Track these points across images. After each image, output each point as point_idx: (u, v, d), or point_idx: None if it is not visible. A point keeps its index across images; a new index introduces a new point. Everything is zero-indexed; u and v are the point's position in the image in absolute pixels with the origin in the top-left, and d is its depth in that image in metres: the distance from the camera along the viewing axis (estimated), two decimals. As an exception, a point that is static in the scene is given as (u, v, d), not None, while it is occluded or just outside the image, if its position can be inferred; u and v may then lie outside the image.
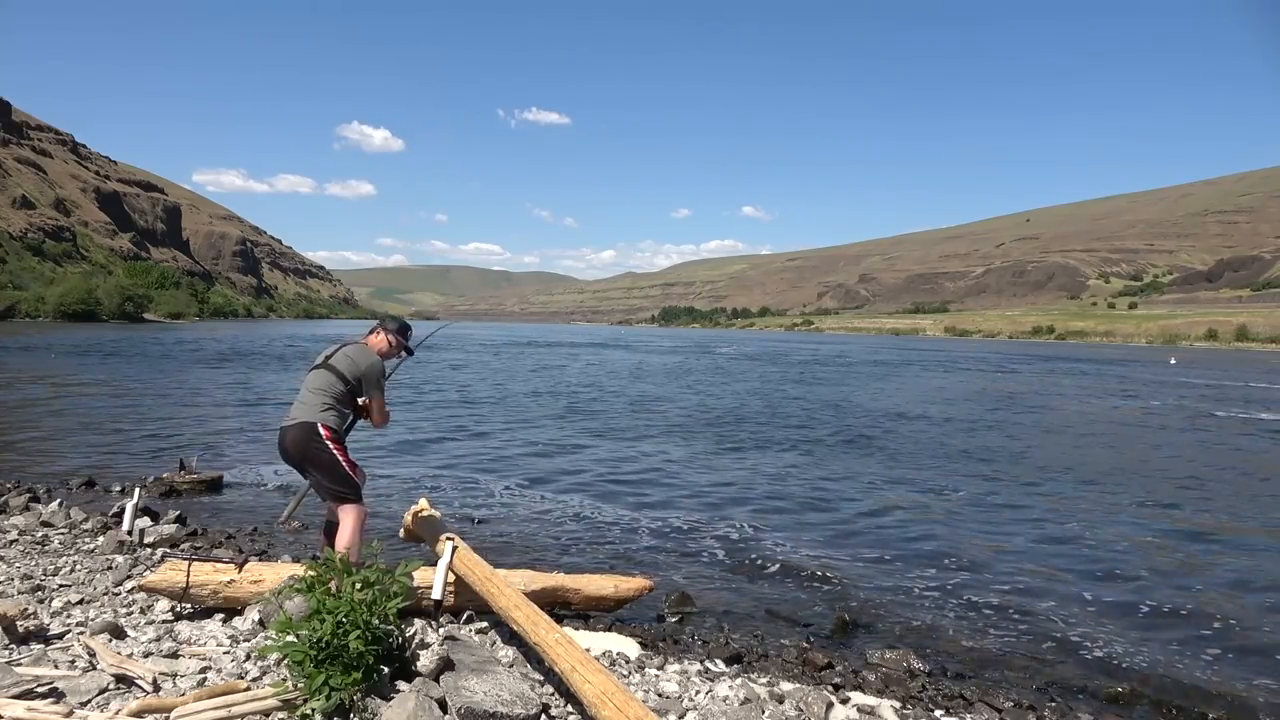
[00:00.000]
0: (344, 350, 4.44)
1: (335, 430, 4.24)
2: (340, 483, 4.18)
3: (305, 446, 4.16)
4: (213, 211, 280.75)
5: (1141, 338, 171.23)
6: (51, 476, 8.65)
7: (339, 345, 4.50)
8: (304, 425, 4.19)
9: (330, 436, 4.20)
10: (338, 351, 4.43)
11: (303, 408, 4.25)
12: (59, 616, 4.22)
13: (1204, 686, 4.49)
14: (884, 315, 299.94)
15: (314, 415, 4.22)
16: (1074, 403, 23.72)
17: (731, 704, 3.67)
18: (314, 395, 4.27)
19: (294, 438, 4.19)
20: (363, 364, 4.38)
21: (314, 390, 4.29)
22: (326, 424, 4.21)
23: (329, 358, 4.40)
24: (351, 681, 3.08)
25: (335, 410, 4.28)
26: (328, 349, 4.51)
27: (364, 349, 4.49)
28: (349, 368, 4.34)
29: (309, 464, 4.20)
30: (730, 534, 7.31)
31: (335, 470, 4.16)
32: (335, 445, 4.19)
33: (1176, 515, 8.75)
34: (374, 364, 4.41)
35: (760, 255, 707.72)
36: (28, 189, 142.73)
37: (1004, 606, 5.61)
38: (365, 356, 4.42)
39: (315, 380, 4.33)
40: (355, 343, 4.53)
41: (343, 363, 4.35)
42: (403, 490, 8.56)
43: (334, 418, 4.26)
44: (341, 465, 4.17)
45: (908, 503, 9.00)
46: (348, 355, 4.40)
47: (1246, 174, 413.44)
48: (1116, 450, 14.02)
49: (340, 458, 4.18)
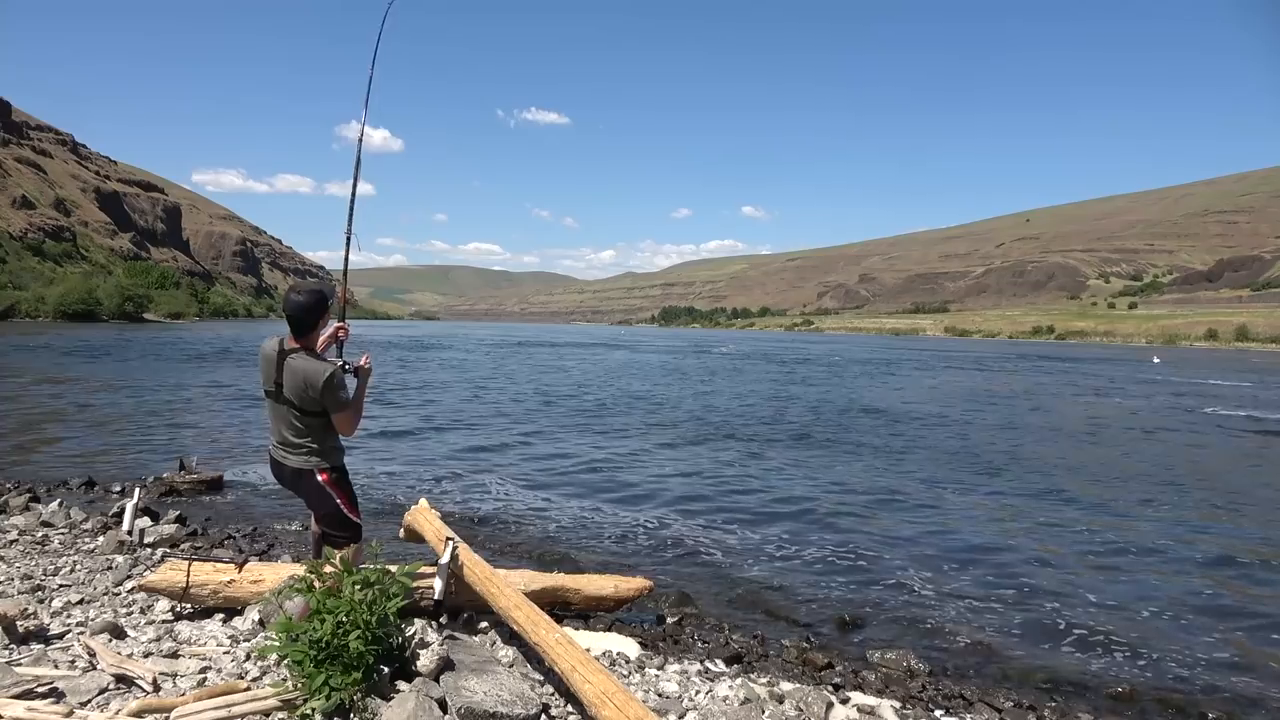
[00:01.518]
0: (289, 370, 3.65)
1: (333, 469, 3.80)
2: (340, 527, 3.83)
3: (303, 491, 3.82)
4: (213, 211, 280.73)
5: (1142, 338, 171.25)
6: (51, 477, 8.65)
7: (275, 357, 3.70)
8: (298, 470, 3.76)
9: (329, 480, 3.77)
10: (284, 373, 3.67)
11: (290, 449, 3.76)
12: (59, 616, 4.21)
13: (1204, 686, 4.49)
14: (884, 315, 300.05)
15: (307, 462, 3.74)
16: (1063, 401, 23.73)
17: (731, 704, 3.67)
18: (291, 437, 3.74)
19: (289, 478, 3.82)
20: (316, 383, 3.59)
21: (286, 431, 3.75)
22: (322, 468, 3.75)
23: (280, 386, 3.69)
24: (351, 681, 3.08)
25: (324, 447, 3.77)
26: (268, 362, 3.72)
27: (307, 361, 3.65)
28: (304, 396, 3.63)
29: (308, 504, 3.89)
30: (730, 534, 7.31)
31: (334, 516, 3.82)
32: (337, 490, 3.80)
33: (1176, 514, 8.75)
34: (328, 377, 3.60)
35: (760, 255, 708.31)
36: (28, 189, 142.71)
37: (1004, 606, 5.61)
38: (313, 371, 3.61)
39: (283, 418, 3.74)
40: (294, 352, 3.68)
41: (296, 392, 3.64)
42: (403, 490, 8.56)
43: (327, 456, 3.77)
44: (342, 511, 3.82)
45: (906, 503, 8.99)
46: (297, 379, 3.63)
47: (1246, 174, 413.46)
48: (1112, 450, 14.01)
49: (341, 503, 3.81)
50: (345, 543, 3.80)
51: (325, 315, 3.77)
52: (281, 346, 3.71)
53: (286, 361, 3.67)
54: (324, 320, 3.78)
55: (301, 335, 3.71)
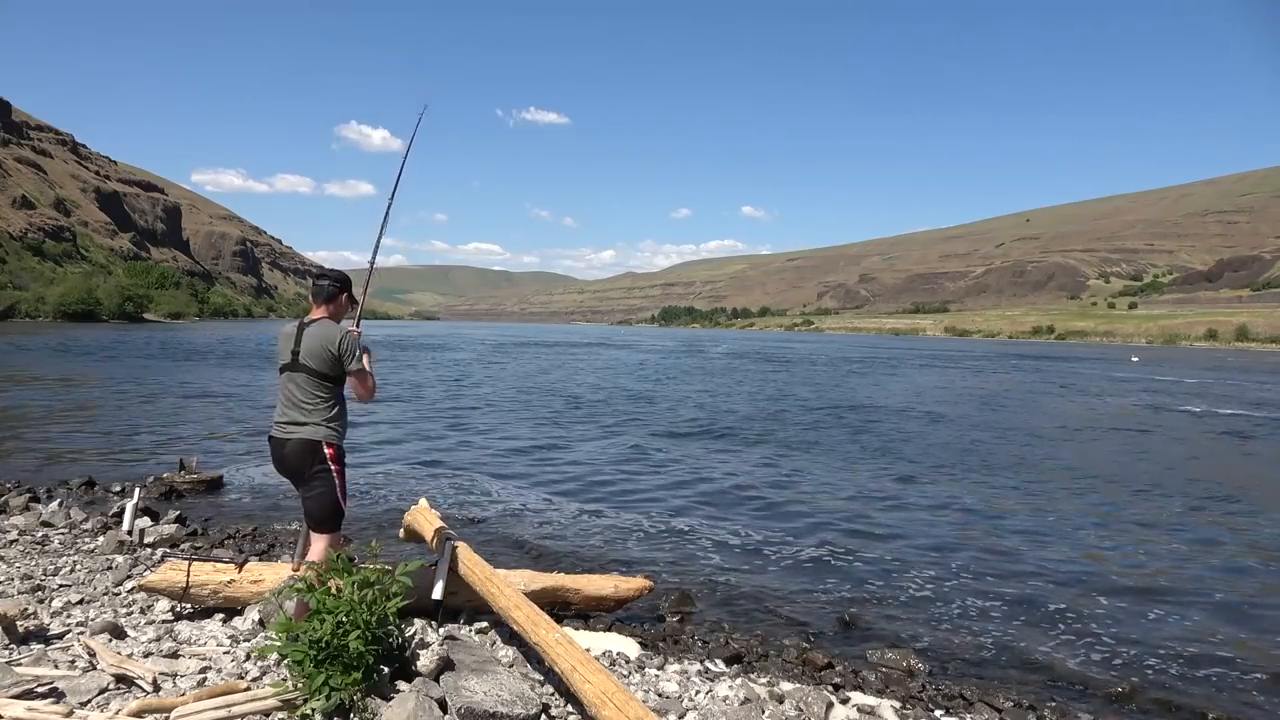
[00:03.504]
0: (309, 336, 3.89)
1: (339, 447, 3.91)
2: (328, 514, 3.87)
3: (307, 465, 3.85)
4: (213, 211, 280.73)
5: (1141, 337, 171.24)
6: (51, 477, 8.65)
7: (295, 331, 3.94)
8: (306, 442, 3.83)
9: (334, 456, 3.86)
10: (303, 340, 3.89)
11: (299, 425, 3.85)
12: (59, 616, 4.22)
13: (1204, 685, 4.49)
14: (884, 315, 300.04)
15: (316, 434, 3.83)
16: (1058, 400, 23.73)
17: (731, 704, 3.67)
18: (303, 405, 3.86)
19: (295, 453, 3.84)
20: (335, 342, 3.84)
21: (300, 399, 3.87)
22: (330, 441, 3.85)
23: (298, 354, 3.88)
24: (351, 681, 3.08)
25: (335, 421, 3.91)
26: (288, 338, 3.94)
27: (328, 325, 3.93)
28: (325, 358, 3.84)
29: (305, 484, 3.89)
30: (730, 534, 7.31)
31: (328, 498, 3.85)
32: (337, 469, 3.87)
33: (1175, 515, 8.75)
34: (347, 336, 3.89)
35: (760, 255, 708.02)
36: (28, 189, 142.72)
37: (1004, 606, 5.61)
38: (332, 333, 3.88)
39: (297, 386, 3.88)
40: (314, 322, 3.94)
41: (316, 356, 3.84)
42: (402, 490, 8.56)
43: (335, 430, 3.90)
44: (336, 494, 3.86)
45: (907, 503, 9.00)
46: (317, 341, 3.86)
47: (1246, 174, 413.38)
48: (1114, 452, 14.01)
49: (338, 484, 3.87)
50: (329, 530, 3.87)
51: (348, 293, 4.09)
52: (301, 322, 3.98)
53: (306, 329, 3.92)
54: (346, 299, 4.08)
55: (324, 301, 4.00)
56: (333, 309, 4.02)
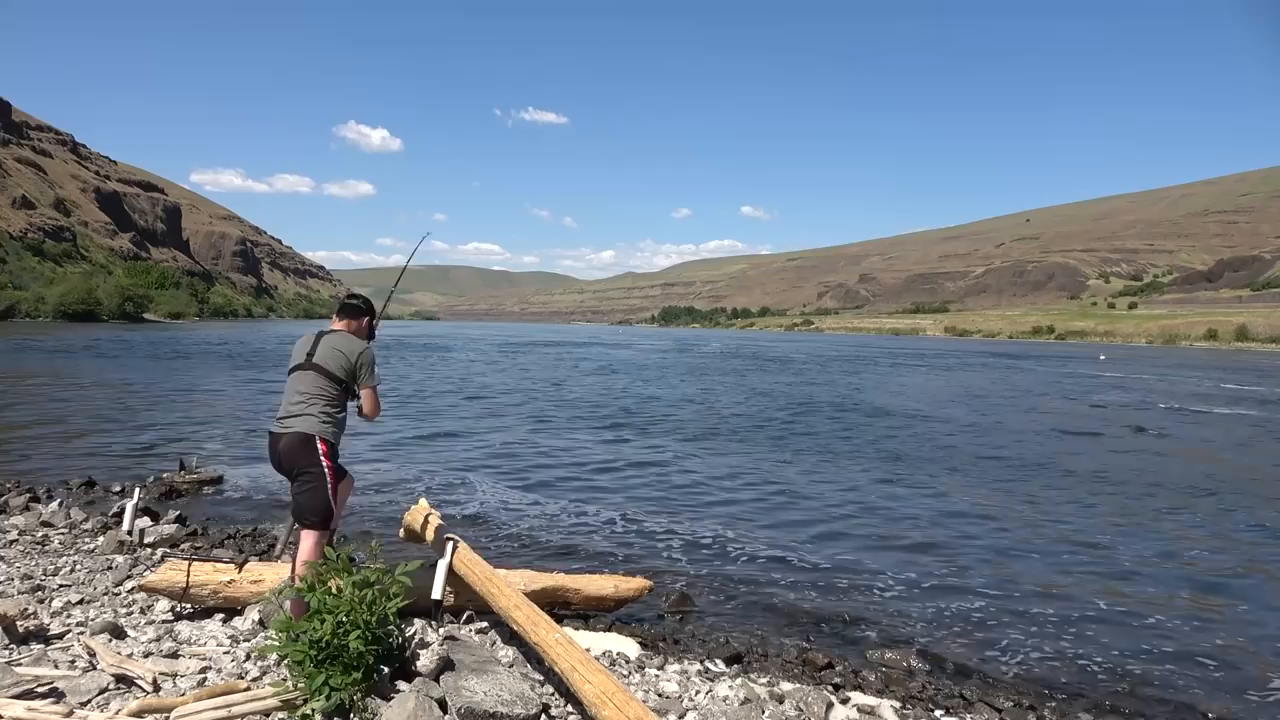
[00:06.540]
0: (327, 343, 4.04)
1: (332, 445, 3.97)
2: (317, 508, 3.88)
3: (299, 459, 3.88)
4: (213, 211, 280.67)
5: (1141, 338, 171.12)
6: (51, 476, 8.65)
7: (315, 337, 4.10)
8: (300, 436, 3.88)
9: (326, 452, 3.91)
10: (319, 346, 4.03)
11: (297, 417, 3.91)
12: (59, 616, 4.22)
13: (1205, 685, 4.49)
14: (884, 315, 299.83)
15: (312, 426, 3.89)
16: (1057, 401, 23.74)
17: (731, 704, 3.67)
18: (307, 401, 3.93)
19: (289, 445, 3.88)
20: (354, 354, 4.01)
21: (305, 396, 3.94)
22: (325, 437, 3.91)
23: (312, 355, 4.00)
24: (351, 681, 3.08)
25: (332, 419, 3.97)
26: (304, 344, 4.09)
27: (349, 337, 4.11)
28: (339, 363, 3.97)
29: (296, 478, 3.92)
30: (730, 534, 7.31)
31: (318, 494, 3.87)
32: (329, 465, 3.92)
33: (1172, 513, 8.75)
34: (366, 350, 4.07)
35: (760, 255, 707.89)
36: (28, 189, 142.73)
37: (1003, 606, 5.60)
38: (353, 345, 4.06)
39: (303, 383, 3.96)
40: (334, 332, 4.14)
41: (331, 359, 3.97)
42: (402, 489, 8.56)
43: (332, 429, 3.96)
44: (326, 490, 3.88)
45: (907, 503, 8.99)
46: (335, 348, 4.01)
47: (1246, 174, 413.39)
48: (1115, 452, 14.02)
49: (329, 481, 3.90)
50: (318, 527, 3.89)
51: (372, 315, 4.35)
52: (321, 331, 4.17)
53: (325, 337, 4.12)
54: (367, 322, 4.32)
55: (349, 317, 4.24)
56: (354, 326, 4.24)
